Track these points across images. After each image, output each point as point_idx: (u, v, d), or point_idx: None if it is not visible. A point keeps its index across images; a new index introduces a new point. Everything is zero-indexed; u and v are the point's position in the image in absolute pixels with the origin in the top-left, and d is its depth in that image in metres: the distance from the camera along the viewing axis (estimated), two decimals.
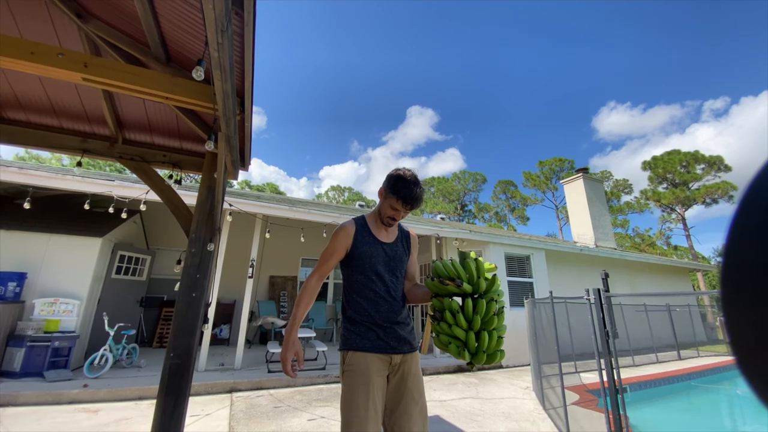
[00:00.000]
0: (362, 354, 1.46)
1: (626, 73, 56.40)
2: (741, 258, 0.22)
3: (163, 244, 7.90)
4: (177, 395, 2.34)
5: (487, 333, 1.35)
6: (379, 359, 1.47)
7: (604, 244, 12.47)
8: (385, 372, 1.48)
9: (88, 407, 3.78)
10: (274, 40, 56.80)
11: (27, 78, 2.54)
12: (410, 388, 1.48)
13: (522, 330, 6.84)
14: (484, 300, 1.38)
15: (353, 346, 1.49)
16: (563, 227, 31.46)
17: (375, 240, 1.61)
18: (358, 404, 1.36)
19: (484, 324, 1.36)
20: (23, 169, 5.07)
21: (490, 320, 1.37)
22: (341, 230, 1.60)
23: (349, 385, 1.42)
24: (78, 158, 3.01)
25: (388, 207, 1.58)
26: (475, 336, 1.35)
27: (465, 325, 1.36)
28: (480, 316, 1.35)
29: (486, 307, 1.37)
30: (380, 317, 1.52)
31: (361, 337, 1.50)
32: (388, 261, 1.60)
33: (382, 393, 1.44)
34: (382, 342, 1.49)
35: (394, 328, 1.52)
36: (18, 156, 21.79)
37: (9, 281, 4.62)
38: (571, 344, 5.03)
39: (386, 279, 1.57)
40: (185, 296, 2.48)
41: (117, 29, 2.22)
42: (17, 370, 4.30)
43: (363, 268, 1.56)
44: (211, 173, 2.74)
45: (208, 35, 1.35)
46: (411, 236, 1.76)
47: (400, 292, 1.62)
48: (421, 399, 1.49)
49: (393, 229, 1.69)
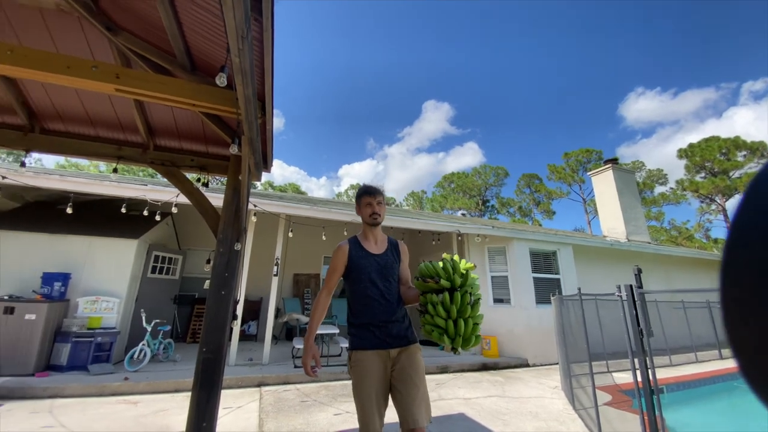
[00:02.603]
0: (363, 352, 1.74)
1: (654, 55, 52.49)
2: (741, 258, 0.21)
3: (194, 244, 8.24)
4: (210, 388, 2.45)
5: (463, 320, 1.62)
6: (377, 354, 1.74)
7: (636, 237, 11.89)
8: (385, 363, 1.74)
9: (129, 399, 4.02)
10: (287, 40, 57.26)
11: (65, 91, 2.71)
12: (411, 375, 1.71)
13: (548, 328, 6.65)
14: (459, 293, 1.63)
15: (355, 346, 1.77)
16: (592, 221, 30.24)
17: (367, 253, 1.88)
18: (365, 392, 1.65)
19: (460, 312, 1.62)
20: (64, 177, 5.42)
21: (464, 309, 1.63)
22: (338, 250, 1.89)
23: (356, 378, 1.71)
24: (114, 165, 3.19)
25: (363, 208, 1.93)
26: (453, 323, 1.61)
27: (444, 314, 1.62)
28: (456, 306, 1.62)
29: (461, 299, 1.63)
30: (375, 318, 1.78)
31: (360, 337, 1.78)
32: (380, 269, 1.85)
33: (383, 382, 1.71)
34: (378, 339, 1.75)
35: (388, 327, 1.78)
36: (59, 164, 23.33)
37: (55, 281, 4.97)
38: (602, 343, 4.85)
39: (379, 285, 1.82)
40: (215, 294, 2.58)
41: (145, 40, 2.32)
42: (64, 364, 4.63)
43: (360, 278, 1.83)
44: (235, 175, 2.83)
45: (230, 42, 1.39)
46: (400, 246, 2.01)
47: (394, 295, 1.85)
48: (422, 385, 1.72)
49: (382, 241, 1.97)
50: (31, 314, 4.53)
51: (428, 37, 61.94)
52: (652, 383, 2.41)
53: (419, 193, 38.45)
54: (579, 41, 54.46)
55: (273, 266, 6.24)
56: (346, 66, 68.17)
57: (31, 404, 3.69)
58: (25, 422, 3.20)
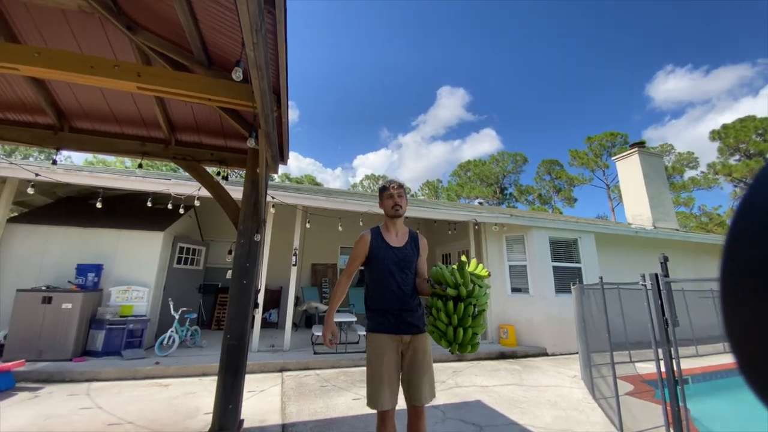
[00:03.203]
0: (378, 334, 1.91)
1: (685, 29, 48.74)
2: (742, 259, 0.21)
3: (216, 235, 8.51)
4: (235, 372, 2.56)
5: (463, 329, 1.72)
6: (390, 338, 1.89)
7: (663, 224, 11.42)
8: (396, 347, 1.90)
9: (160, 382, 4.25)
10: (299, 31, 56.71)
11: (90, 90, 2.82)
12: (420, 361, 1.89)
13: (568, 317, 6.55)
14: (462, 303, 1.72)
15: (372, 329, 1.94)
16: (616, 208, 29.18)
17: (387, 245, 1.99)
18: (376, 367, 1.84)
19: (461, 321, 1.72)
20: (94, 173, 5.68)
21: (465, 319, 1.71)
22: (360, 239, 2.02)
23: (370, 355, 1.91)
24: (138, 160, 3.31)
25: (386, 201, 2.04)
26: (453, 330, 1.72)
27: (446, 320, 1.73)
28: (458, 316, 1.71)
29: (464, 310, 1.71)
30: (391, 306, 1.91)
31: (376, 322, 1.93)
32: (398, 261, 1.96)
33: (395, 362, 1.88)
34: (392, 325, 1.90)
35: (402, 315, 1.91)
36: (87, 161, 24.38)
37: (89, 272, 5.26)
38: (625, 332, 4.73)
39: (397, 276, 1.94)
40: (237, 283, 2.68)
41: (163, 38, 2.38)
42: (99, 350, 4.93)
43: (378, 268, 1.96)
44: (254, 168, 2.88)
45: (244, 36, 1.41)
46: (420, 240, 2.10)
47: (410, 286, 1.97)
48: (429, 370, 1.90)
49: (403, 234, 2.07)
50: (68, 303, 4.83)
51: (442, 20, 60.23)
52: (676, 373, 2.35)
53: (435, 183, 38.06)
54: (602, 17, 51.56)
55: (291, 256, 6.38)
56: (356, 54, 67.40)
57: (70, 387, 3.96)
58: (64, 404, 3.44)
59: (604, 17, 51.35)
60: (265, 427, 3.04)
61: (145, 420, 3.09)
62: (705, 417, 3.84)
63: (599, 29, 52.13)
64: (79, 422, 3.02)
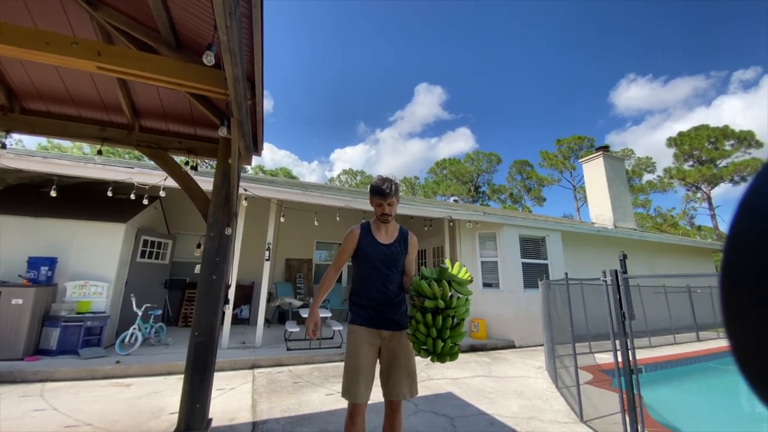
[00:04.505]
0: (358, 327, 1.94)
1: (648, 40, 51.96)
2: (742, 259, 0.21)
3: (184, 228, 8.14)
4: (203, 371, 2.48)
5: (442, 340, 1.71)
6: (369, 332, 1.91)
7: (623, 225, 12.15)
8: (375, 341, 1.92)
9: (121, 382, 4.04)
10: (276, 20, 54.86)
11: (44, 68, 2.60)
12: (400, 356, 1.91)
13: (535, 311, 6.84)
14: (440, 316, 1.72)
15: (354, 321, 1.97)
16: (581, 208, 30.73)
17: (375, 241, 2.00)
18: (354, 358, 1.86)
19: (440, 333, 1.72)
20: (47, 159, 5.25)
21: (444, 331, 1.72)
22: (350, 234, 2.02)
23: (348, 345, 1.93)
24: (98, 147, 3.10)
25: (375, 207, 2.01)
26: (432, 341, 1.72)
27: (424, 332, 1.74)
28: (436, 328, 1.72)
29: (442, 322, 1.72)
30: (373, 301, 1.93)
31: (359, 315, 1.96)
32: (385, 258, 1.97)
33: (372, 356, 1.89)
34: (373, 319, 1.92)
35: (383, 311, 1.93)
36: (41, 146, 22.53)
37: (41, 266, 4.88)
38: (586, 325, 5.00)
39: (383, 272, 1.96)
40: (206, 278, 2.58)
41: (127, 15, 2.22)
42: (54, 348, 4.60)
43: (364, 263, 1.98)
44: (225, 159, 2.78)
45: (217, 18, 1.34)
46: (410, 239, 2.10)
47: (395, 283, 1.99)
48: (409, 367, 1.92)
49: (393, 231, 2.06)
50: (18, 299, 4.47)
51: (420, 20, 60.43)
52: (631, 363, 2.52)
53: (412, 180, 38.37)
54: (573, 26, 53.77)
55: (265, 251, 6.23)
56: (335, 46, 66.29)
57: (22, 388, 3.68)
58: (16, 406, 3.20)
59: (573, 24, 53.58)
60: (235, 425, 2.97)
61: (106, 421, 2.93)
62: (656, 404, 4.14)
63: (568, 37, 54.38)
64: (33, 424, 2.81)
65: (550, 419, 3.27)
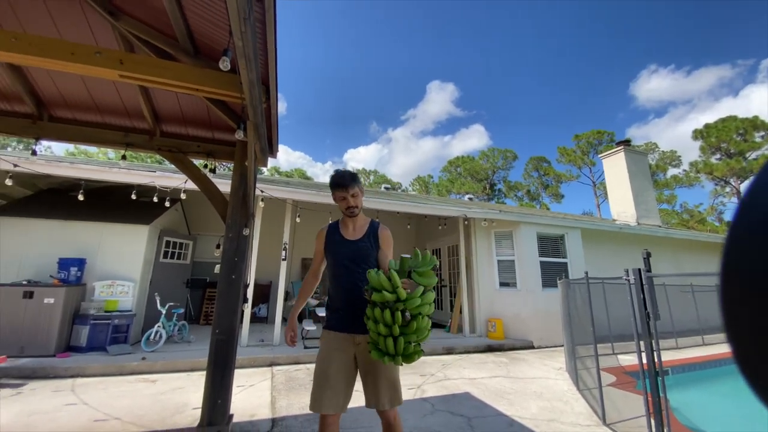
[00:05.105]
0: (329, 332, 1.81)
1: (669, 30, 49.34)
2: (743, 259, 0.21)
3: (203, 229, 8.37)
4: (224, 368, 2.54)
5: (393, 338, 1.53)
6: (340, 336, 1.77)
7: (647, 221, 11.72)
8: (348, 347, 1.76)
9: (147, 377, 4.19)
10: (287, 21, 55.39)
11: (70, 77, 2.71)
12: (376, 363, 1.69)
13: (554, 311, 6.69)
14: (389, 310, 1.55)
15: (325, 325, 1.86)
16: (601, 204, 29.82)
17: (342, 239, 1.90)
18: (320, 367, 1.74)
19: (389, 329, 1.54)
20: (75, 164, 5.50)
21: (393, 327, 1.53)
22: (318, 233, 1.99)
23: (319, 351, 1.81)
24: (122, 152, 3.22)
25: (338, 201, 1.90)
26: (384, 339, 1.54)
27: (373, 327, 1.57)
28: (381, 323, 1.54)
29: (392, 316, 1.53)
30: (343, 303, 1.80)
31: (329, 319, 1.85)
32: (352, 255, 1.85)
33: (343, 363, 1.73)
34: (343, 323, 1.79)
35: (355, 312, 1.74)
36: (68, 152, 23.59)
37: (71, 266, 5.12)
38: (608, 325, 4.86)
39: (351, 270, 1.82)
40: (226, 278, 2.64)
41: (147, 24, 2.30)
42: (83, 345, 4.82)
43: (333, 263, 1.88)
44: (242, 161, 2.83)
45: (232, 24, 1.37)
46: (380, 232, 1.94)
47: (366, 282, 1.76)
48: (387, 373, 1.72)
49: (362, 226, 1.94)
50: (50, 298, 4.69)
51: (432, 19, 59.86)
52: (657, 365, 2.43)
53: (426, 178, 38.18)
54: (589, 17, 52.05)
55: (281, 251, 6.33)
56: (346, 47, 66.50)
57: (54, 383, 3.87)
58: (49, 400, 3.36)
59: (590, 16, 51.91)
60: (255, 421, 3.03)
61: (133, 416, 3.05)
62: (684, 407, 3.99)
63: (585, 28, 52.68)
64: (64, 418, 2.95)
65: (572, 422, 3.20)
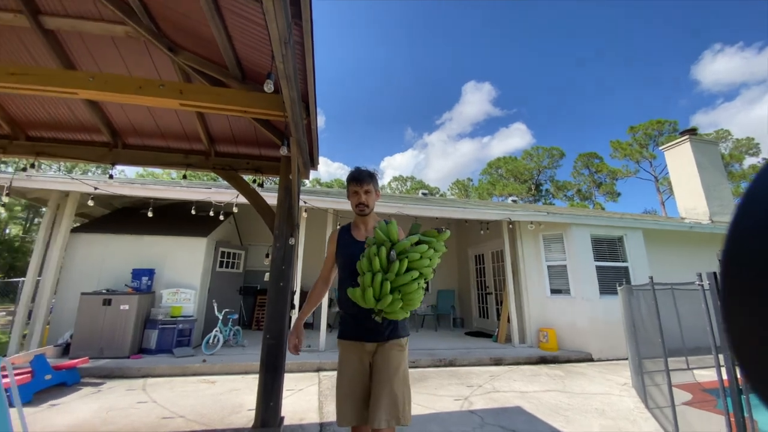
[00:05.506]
0: (341, 341, 1.76)
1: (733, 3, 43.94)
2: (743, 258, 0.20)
3: (254, 240, 8.90)
4: (274, 370, 2.67)
5: (371, 275, 1.45)
6: (353, 345, 1.70)
7: (722, 218, 10.41)
8: (361, 356, 1.68)
9: (207, 378, 4.51)
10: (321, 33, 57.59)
11: (138, 108, 3.07)
12: (379, 374, 1.61)
13: (615, 320, 6.14)
14: (375, 246, 1.49)
15: (338, 334, 1.79)
16: (666, 201, 27.03)
17: (354, 241, 1.81)
18: (338, 380, 1.68)
19: (371, 264, 1.47)
20: (146, 185, 6.16)
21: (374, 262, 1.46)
22: (330, 236, 1.91)
23: (338, 362, 1.75)
24: (183, 172, 3.55)
25: (351, 197, 1.82)
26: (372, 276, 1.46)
27: (366, 266, 1.49)
28: (365, 258, 1.49)
29: (387, 261, 1.46)
30: (354, 309, 1.66)
31: (342, 327, 1.78)
32: None
33: (359, 373, 1.65)
34: (354, 331, 1.71)
35: (363, 319, 1.65)
36: (138, 174, 26.46)
37: (143, 276, 5.71)
38: (681, 337, 4.36)
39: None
40: (274, 285, 2.79)
41: (201, 56, 2.54)
42: (153, 348, 5.33)
43: (344, 266, 1.79)
44: (286, 175, 2.99)
45: (274, 49, 1.47)
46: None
47: None
48: (389, 386, 1.58)
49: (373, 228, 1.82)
50: (125, 305, 5.26)
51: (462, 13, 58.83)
52: (740, 381, 2.13)
53: (465, 182, 37.33)
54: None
55: None
56: (376, 53, 67.52)
57: (128, 382, 4.31)
58: (123, 398, 3.75)
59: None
60: (305, 425, 3.13)
61: (195, 414, 3.30)
62: None
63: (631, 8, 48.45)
64: (137, 415, 3.27)
65: None
